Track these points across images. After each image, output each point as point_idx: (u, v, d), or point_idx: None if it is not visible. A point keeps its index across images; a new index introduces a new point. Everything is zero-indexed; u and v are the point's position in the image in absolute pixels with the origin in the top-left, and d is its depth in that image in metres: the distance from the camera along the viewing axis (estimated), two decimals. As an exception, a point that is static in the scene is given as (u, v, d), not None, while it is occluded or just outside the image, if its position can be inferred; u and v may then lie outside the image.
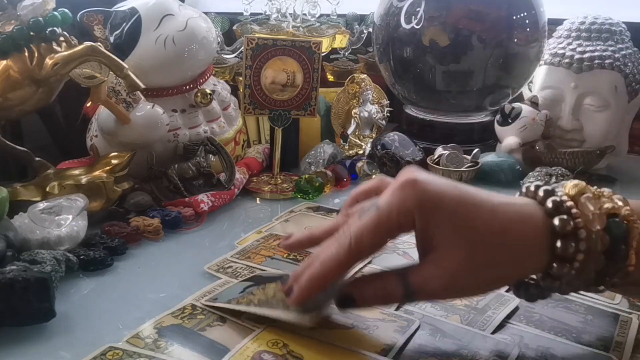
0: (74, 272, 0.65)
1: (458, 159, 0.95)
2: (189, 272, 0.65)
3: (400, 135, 0.99)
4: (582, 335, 0.55)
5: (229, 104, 0.94)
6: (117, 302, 0.61)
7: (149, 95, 0.85)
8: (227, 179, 0.86)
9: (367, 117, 1.05)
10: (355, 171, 0.95)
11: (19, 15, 0.74)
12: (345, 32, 1.14)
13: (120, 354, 0.50)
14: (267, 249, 0.69)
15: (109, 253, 0.68)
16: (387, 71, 1.08)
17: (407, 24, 1.00)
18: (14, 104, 0.76)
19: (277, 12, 1.09)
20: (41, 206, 0.70)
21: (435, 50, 1.00)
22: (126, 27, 0.84)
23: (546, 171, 0.91)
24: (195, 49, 0.86)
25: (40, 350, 0.52)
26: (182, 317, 0.55)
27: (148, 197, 0.80)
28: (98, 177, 0.77)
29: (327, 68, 1.15)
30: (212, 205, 0.81)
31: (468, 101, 1.05)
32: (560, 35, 1.03)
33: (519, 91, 1.07)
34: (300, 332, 0.51)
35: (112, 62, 0.75)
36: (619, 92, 0.98)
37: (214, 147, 0.86)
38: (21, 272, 0.54)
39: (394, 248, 0.70)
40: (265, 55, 0.85)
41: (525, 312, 0.58)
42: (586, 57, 0.98)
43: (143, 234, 0.74)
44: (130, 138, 0.82)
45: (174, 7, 0.86)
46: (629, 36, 1.01)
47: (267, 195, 0.89)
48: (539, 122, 0.98)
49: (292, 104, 0.88)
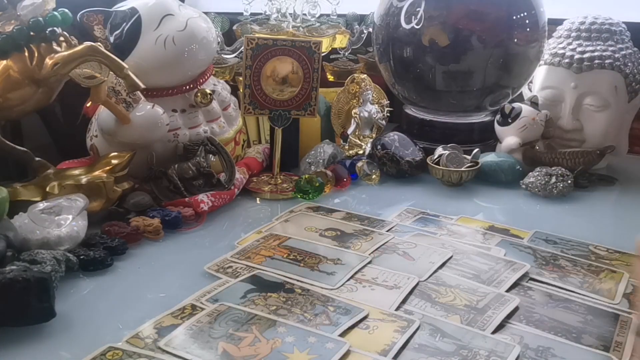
0: (74, 272, 0.65)
1: (458, 159, 0.95)
2: (189, 272, 0.65)
3: (400, 135, 0.99)
4: (582, 335, 0.55)
5: (229, 104, 0.94)
6: (117, 302, 0.61)
7: (149, 95, 0.85)
8: (227, 179, 0.86)
9: (367, 117, 1.05)
10: (355, 171, 0.95)
11: (19, 15, 0.74)
12: (345, 32, 1.13)
13: (120, 354, 0.50)
14: (267, 249, 0.69)
15: (109, 253, 0.68)
16: (387, 71, 1.08)
17: (407, 24, 1.00)
18: (14, 104, 0.76)
19: (277, 12, 1.09)
20: (41, 206, 0.70)
21: (435, 50, 1.00)
22: (126, 27, 0.84)
23: (546, 171, 0.91)
24: (195, 49, 0.86)
25: (40, 350, 0.52)
26: (182, 317, 0.55)
27: (148, 197, 0.80)
28: (98, 177, 0.77)
29: (327, 68, 1.15)
30: (212, 205, 0.81)
31: (468, 101, 1.05)
32: (560, 35, 1.03)
33: (519, 91, 1.07)
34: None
35: (112, 62, 0.75)
36: (619, 92, 0.98)
37: (214, 147, 0.86)
38: (21, 272, 0.54)
39: (394, 248, 0.71)
40: (265, 55, 0.85)
41: (525, 312, 0.58)
42: (586, 57, 0.98)
43: (143, 234, 0.74)
44: (130, 138, 0.82)
45: (174, 7, 0.86)
46: (629, 36, 1.01)
47: (267, 195, 0.88)
48: (539, 122, 0.98)
49: (292, 104, 0.88)
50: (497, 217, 0.82)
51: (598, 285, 0.64)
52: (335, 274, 0.64)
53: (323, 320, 0.55)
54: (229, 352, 0.50)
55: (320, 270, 0.65)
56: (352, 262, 0.67)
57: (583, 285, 0.64)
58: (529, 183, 0.91)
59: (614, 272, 0.66)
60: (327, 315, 0.56)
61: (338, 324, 0.55)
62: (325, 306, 0.58)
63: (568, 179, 0.90)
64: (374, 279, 0.63)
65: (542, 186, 0.89)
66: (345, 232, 0.75)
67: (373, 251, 0.70)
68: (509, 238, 0.75)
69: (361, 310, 0.57)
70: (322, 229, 0.76)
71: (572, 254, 0.71)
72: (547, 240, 0.75)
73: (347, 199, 0.89)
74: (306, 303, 0.58)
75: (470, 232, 0.77)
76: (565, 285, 0.64)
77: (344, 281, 0.63)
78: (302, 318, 0.55)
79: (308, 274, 0.64)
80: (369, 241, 0.72)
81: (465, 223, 0.80)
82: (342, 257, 0.68)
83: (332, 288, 0.61)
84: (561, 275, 0.66)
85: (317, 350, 0.51)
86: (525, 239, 0.75)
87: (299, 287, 0.61)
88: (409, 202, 0.87)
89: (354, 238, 0.73)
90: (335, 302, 0.58)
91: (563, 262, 0.68)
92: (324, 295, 0.60)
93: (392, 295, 0.60)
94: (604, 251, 0.72)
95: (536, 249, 0.72)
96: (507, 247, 0.72)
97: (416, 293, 0.61)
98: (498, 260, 0.68)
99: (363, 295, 0.60)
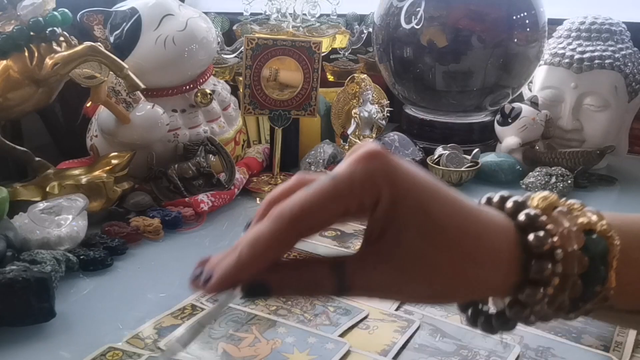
0: (74, 272, 0.65)
1: (458, 159, 0.95)
2: (189, 272, 0.65)
3: (400, 135, 0.99)
4: (582, 335, 0.55)
5: (229, 104, 0.94)
6: (117, 302, 0.61)
7: (149, 95, 0.85)
8: (227, 179, 0.86)
9: (367, 117, 1.05)
10: (355, 171, 0.95)
11: (19, 15, 0.74)
12: (345, 32, 1.13)
13: (120, 354, 0.50)
14: (267, 249, 0.69)
15: (109, 253, 0.68)
16: (387, 71, 1.08)
17: (407, 24, 1.00)
18: (14, 104, 0.76)
19: (277, 12, 1.09)
20: (41, 206, 0.70)
21: (435, 50, 1.00)
22: (126, 27, 0.84)
23: (546, 171, 0.91)
24: (195, 49, 0.86)
25: (40, 350, 0.52)
26: (182, 317, 0.55)
27: (148, 197, 0.80)
28: (98, 177, 0.77)
29: (327, 68, 1.15)
30: (212, 205, 0.81)
31: (468, 101, 1.05)
32: (560, 35, 1.03)
33: (519, 91, 1.07)
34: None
35: (112, 62, 0.75)
36: (619, 92, 0.98)
37: (214, 147, 0.86)
38: (21, 272, 0.54)
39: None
40: (265, 55, 0.85)
41: (525, 312, 0.58)
42: (586, 57, 0.98)
43: (143, 234, 0.74)
44: (130, 138, 0.82)
45: (174, 7, 0.86)
46: (629, 36, 1.01)
47: (267, 195, 0.88)
48: (539, 122, 0.98)
49: (292, 104, 0.88)
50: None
51: (598, 285, 0.64)
52: (335, 274, 0.64)
53: (323, 321, 0.55)
54: (229, 353, 0.50)
55: (320, 270, 0.65)
56: (352, 262, 0.67)
57: (583, 285, 0.63)
58: (529, 183, 0.91)
59: (614, 272, 0.66)
60: (327, 316, 0.56)
61: (338, 324, 0.55)
62: (325, 306, 0.58)
63: (568, 179, 0.90)
64: (374, 279, 0.63)
65: (542, 186, 0.89)
66: (345, 232, 0.75)
67: (373, 251, 0.70)
68: (509, 238, 0.75)
69: (361, 311, 0.57)
70: (322, 229, 0.75)
71: (572, 254, 0.71)
72: (547, 240, 0.74)
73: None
74: (306, 303, 0.58)
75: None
76: (565, 285, 0.63)
77: (344, 281, 0.63)
78: (302, 318, 0.56)
79: (308, 274, 0.64)
80: (369, 241, 0.72)
81: (465, 223, 0.79)
82: (342, 257, 0.68)
83: (332, 288, 0.61)
84: (561, 275, 0.65)
85: (317, 351, 0.51)
86: (525, 239, 0.75)
87: (299, 287, 0.61)
88: (409, 202, 0.87)
89: (354, 238, 0.73)
90: (335, 302, 0.58)
91: (563, 262, 0.68)
92: (324, 296, 0.60)
93: (392, 295, 0.60)
94: (604, 251, 0.72)
95: (536, 249, 0.72)
96: (507, 247, 0.72)
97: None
98: (498, 260, 0.68)
99: (363, 295, 0.60)
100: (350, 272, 0.35)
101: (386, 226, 0.35)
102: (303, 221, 0.34)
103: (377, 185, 0.34)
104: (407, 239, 0.35)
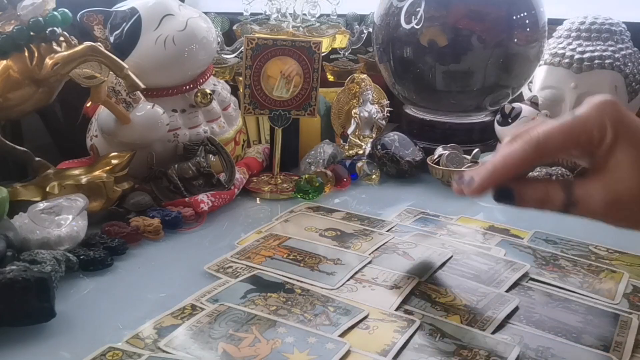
0: (74, 272, 0.65)
1: (458, 159, 0.94)
2: (189, 272, 0.65)
3: (400, 135, 0.99)
4: (582, 335, 0.55)
5: (229, 104, 0.94)
6: (117, 302, 0.61)
7: (149, 95, 0.85)
8: (227, 179, 0.86)
9: (367, 117, 1.05)
10: (355, 171, 0.95)
11: (19, 15, 0.74)
12: (345, 32, 1.13)
13: (120, 354, 0.50)
14: (267, 249, 0.69)
15: (109, 253, 0.68)
16: (387, 71, 1.08)
17: (407, 24, 1.00)
18: (14, 104, 0.76)
19: (277, 12, 1.09)
20: (41, 206, 0.70)
21: (435, 50, 1.00)
22: (126, 27, 0.84)
23: (546, 171, 0.91)
24: (195, 49, 0.86)
25: (40, 350, 0.52)
26: (182, 317, 0.55)
27: (148, 197, 0.80)
28: (98, 177, 0.77)
29: (327, 68, 1.15)
30: (212, 205, 0.81)
31: (468, 101, 1.05)
32: (560, 35, 1.03)
33: (519, 91, 1.07)
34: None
35: (112, 62, 0.75)
36: (619, 92, 0.98)
37: (214, 147, 0.86)
38: (21, 272, 0.54)
39: (394, 248, 0.71)
40: (265, 55, 0.85)
41: (525, 312, 0.58)
42: (586, 57, 0.98)
43: (143, 234, 0.74)
44: (130, 138, 0.82)
45: (174, 7, 0.86)
46: (629, 36, 1.01)
47: (267, 195, 0.88)
48: (539, 122, 0.98)
49: (292, 104, 0.88)
50: (497, 217, 0.82)
51: (598, 285, 0.64)
52: (335, 274, 0.64)
53: (323, 321, 0.55)
54: (229, 353, 0.50)
55: (320, 270, 0.65)
56: (352, 262, 0.67)
57: (583, 285, 0.64)
58: (529, 183, 0.91)
59: (614, 272, 0.66)
60: (327, 316, 0.56)
61: (338, 324, 0.55)
62: (325, 306, 0.58)
63: (568, 179, 0.90)
64: (374, 279, 0.64)
65: (542, 186, 0.89)
66: (345, 232, 0.75)
67: (373, 251, 0.70)
68: (509, 238, 0.75)
69: (361, 311, 0.57)
70: (322, 229, 0.76)
71: (572, 254, 0.71)
72: (547, 240, 0.75)
73: (347, 199, 0.89)
74: (306, 303, 0.58)
75: (470, 232, 0.77)
76: (565, 285, 0.64)
77: (344, 281, 0.63)
78: (302, 318, 0.56)
79: (308, 274, 0.64)
80: (369, 241, 0.72)
81: (465, 223, 0.80)
82: (342, 257, 0.68)
83: (332, 288, 0.61)
84: (561, 275, 0.66)
85: (317, 351, 0.51)
86: (525, 239, 0.75)
87: (299, 287, 0.61)
88: (409, 202, 0.87)
89: (354, 238, 0.73)
90: (335, 302, 0.58)
91: (563, 262, 0.69)
92: (324, 296, 0.60)
93: (392, 295, 0.60)
94: (604, 251, 0.72)
95: (536, 249, 0.72)
96: (507, 247, 0.72)
97: (416, 293, 0.61)
98: (498, 260, 0.68)
99: (363, 296, 0.60)
100: (578, 191, 0.46)
101: (608, 157, 0.45)
102: (547, 145, 0.45)
103: (605, 125, 0.44)
104: (625, 172, 0.44)
